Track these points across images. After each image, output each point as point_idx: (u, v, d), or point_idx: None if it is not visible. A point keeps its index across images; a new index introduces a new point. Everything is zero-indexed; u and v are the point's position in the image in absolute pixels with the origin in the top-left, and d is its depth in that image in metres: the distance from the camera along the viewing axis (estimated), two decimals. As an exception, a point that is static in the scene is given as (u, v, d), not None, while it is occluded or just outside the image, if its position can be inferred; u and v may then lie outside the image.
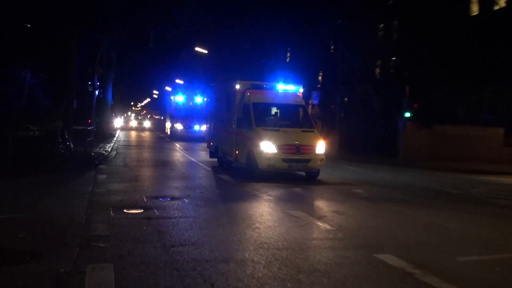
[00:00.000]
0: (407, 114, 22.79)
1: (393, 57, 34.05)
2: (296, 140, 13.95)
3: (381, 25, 35.95)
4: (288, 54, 47.31)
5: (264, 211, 9.82)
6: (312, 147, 14.12)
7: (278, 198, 11.28)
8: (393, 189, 14.03)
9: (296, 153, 13.73)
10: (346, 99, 32.30)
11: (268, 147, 13.54)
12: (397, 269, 5.85)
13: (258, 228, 7.89)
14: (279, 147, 13.59)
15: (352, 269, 5.81)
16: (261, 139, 13.67)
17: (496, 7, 26.86)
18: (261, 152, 13.57)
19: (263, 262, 5.91)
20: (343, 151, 26.18)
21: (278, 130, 14.27)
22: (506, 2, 26.27)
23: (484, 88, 26.38)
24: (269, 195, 11.45)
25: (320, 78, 42.50)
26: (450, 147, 24.34)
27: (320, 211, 9.96)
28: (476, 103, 27.66)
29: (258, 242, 6.88)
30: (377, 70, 36.46)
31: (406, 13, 30.61)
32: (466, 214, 10.29)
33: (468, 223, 9.26)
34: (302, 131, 14.68)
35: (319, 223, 8.41)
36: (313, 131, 14.85)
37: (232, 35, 44.97)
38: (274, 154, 13.52)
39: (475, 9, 28.60)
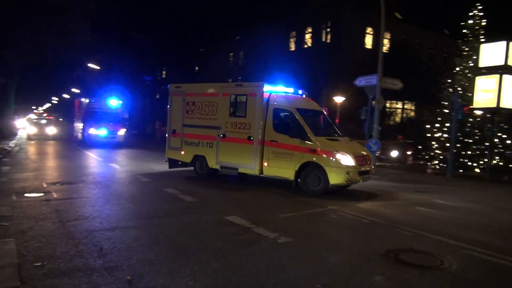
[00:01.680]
0: None
1: (239, 76, 38.63)
2: (362, 150, 10.57)
3: (231, 54, 41.85)
4: (164, 72, 49.60)
5: (144, 190, 9.91)
6: (370, 157, 10.84)
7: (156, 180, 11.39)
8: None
9: (364, 164, 10.06)
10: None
11: (346, 159, 9.50)
12: (240, 225, 6.55)
13: (139, 202, 8.06)
14: (355, 159, 9.65)
15: (208, 228, 6.36)
16: (336, 150, 9.56)
17: (305, 46, 31.51)
18: (338, 166, 9.44)
19: (143, 227, 6.17)
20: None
21: (337, 140, 10.31)
22: (311, 43, 31.00)
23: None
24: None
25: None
26: None
27: (189, 187, 10.28)
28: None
29: (139, 213, 7.09)
30: None
31: (248, 47, 35.16)
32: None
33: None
34: (350, 140, 10.90)
35: (185, 197, 8.78)
36: (352, 139, 11.16)
37: (120, 54, 44.30)
38: (352, 167, 9.53)
39: (292, 46, 33.84)
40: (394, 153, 20.29)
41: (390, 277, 4.64)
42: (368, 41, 31.45)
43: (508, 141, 17.00)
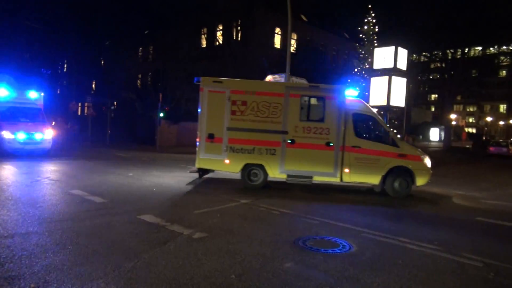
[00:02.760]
0: (161, 114, 24.30)
1: (150, 72, 37.42)
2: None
3: (140, 49, 40.75)
4: (65, 66, 46.54)
5: (47, 192, 9.18)
6: None
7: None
8: (155, 164, 14.68)
9: None
10: (115, 103, 33.16)
11: (429, 162, 10.34)
12: (154, 224, 6.46)
13: (41, 206, 7.46)
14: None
15: (119, 228, 6.16)
16: (423, 155, 10.41)
17: (217, 43, 32.44)
18: (425, 169, 10.17)
19: (46, 232, 5.75)
20: (115, 143, 26.48)
21: (408, 144, 10.73)
22: (223, 41, 31.75)
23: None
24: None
25: (93, 85, 43.82)
26: (191, 137, 26.93)
27: (98, 188, 9.77)
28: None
29: (41, 218, 6.57)
30: (138, 82, 39.34)
31: (159, 42, 34.52)
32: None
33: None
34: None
35: (94, 198, 8.37)
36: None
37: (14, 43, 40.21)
38: (430, 169, 10.37)
39: (204, 43, 34.51)
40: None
41: (299, 262, 5.01)
42: (277, 41, 32.75)
43: (399, 136, 19.13)
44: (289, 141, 10.10)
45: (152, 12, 33.90)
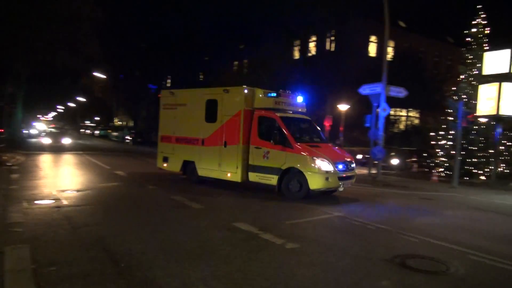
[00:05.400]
0: None
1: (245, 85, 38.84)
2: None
3: (236, 62, 41.33)
4: (168, 80, 49.73)
5: (153, 196, 10.03)
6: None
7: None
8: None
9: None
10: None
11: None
12: (247, 231, 6.65)
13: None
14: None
15: (216, 233, 6.45)
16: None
17: (310, 54, 32.35)
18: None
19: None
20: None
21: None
22: (316, 51, 31.65)
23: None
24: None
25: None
26: None
27: (195, 195, 10.37)
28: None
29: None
30: None
31: (253, 56, 34.31)
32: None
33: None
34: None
35: (193, 204, 8.90)
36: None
37: (125, 63, 45.01)
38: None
39: (296, 55, 34.46)
40: (395, 161, 20.35)
41: (396, 283, 4.71)
42: (372, 49, 31.68)
43: None
44: None
45: (246, 26, 35.27)
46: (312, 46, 32.32)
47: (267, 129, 10.52)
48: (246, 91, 10.89)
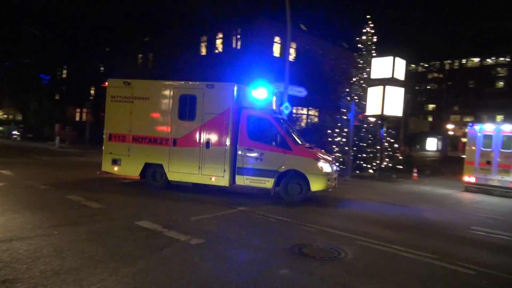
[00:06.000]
0: None
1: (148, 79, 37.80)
2: None
3: (140, 55, 39.41)
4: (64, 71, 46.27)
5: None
6: None
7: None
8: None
9: None
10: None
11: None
12: (151, 230, 6.48)
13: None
14: None
15: (117, 233, 6.18)
16: None
17: (217, 51, 31.98)
18: None
19: (44, 237, 5.76)
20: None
21: None
22: (222, 48, 31.35)
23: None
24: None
25: (93, 91, 43.91)
26: None
27: (95, 194, 9.79)
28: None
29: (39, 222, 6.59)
30: None
31: (159, 50, 33.81)
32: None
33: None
34: None
35: (91, 204, 8.40)
36: None
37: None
38: None
39: (203, 51, 33.67)
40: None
41: (295, 269, 5.04)
42: (276, 50, 32.96)
43: (396, 145, 19.25)
44: None
45: (152, 19, 34.06)
46: (219, 43, 32.51)
47: (259, 129, 10.06)
48: (236, 87, 10.08)
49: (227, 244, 5.92)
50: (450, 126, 40.35)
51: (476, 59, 45.60)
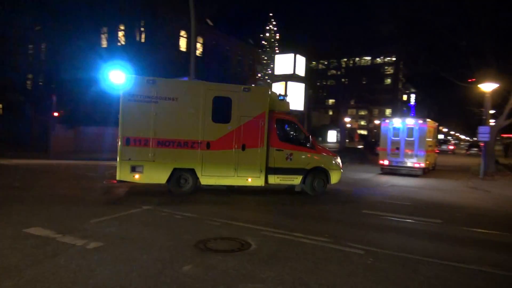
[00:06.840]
0: (55, 116, 22.58)
1: (42, 73, 34.08)
2: None
3: (31, 46, 34.95)
4: None
5: None
6: None
7: None
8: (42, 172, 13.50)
9: None
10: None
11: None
12: (42, 237, 5.95)
13: None
14: None
15: (1, 243, 5.54)
16: None
17: (119, 44, 30.57)
18: None
19: None
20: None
21: None
22: (125, 41, 29.96)
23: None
24: None
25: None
26: (90, 142, 25.30)
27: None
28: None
29: None
30: (28, 82, 35.30)
31: (52, 39, 30.75)
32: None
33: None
34: None
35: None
36: None
37: None
38: None
39: (104, 43, 32.25)
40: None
41: (198, 265, 5.04)
42: (183, 44, 32.41)
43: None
44: None
45: (45, 6, 30.87)
46: (121, 35, 30.83)
47: (287, 131, 11.08)
48: (270, 92, 11.04)
49: (129, 245, 5.69)
50: (347, 119, 43.74)
51: (368, 58, 50.01)
